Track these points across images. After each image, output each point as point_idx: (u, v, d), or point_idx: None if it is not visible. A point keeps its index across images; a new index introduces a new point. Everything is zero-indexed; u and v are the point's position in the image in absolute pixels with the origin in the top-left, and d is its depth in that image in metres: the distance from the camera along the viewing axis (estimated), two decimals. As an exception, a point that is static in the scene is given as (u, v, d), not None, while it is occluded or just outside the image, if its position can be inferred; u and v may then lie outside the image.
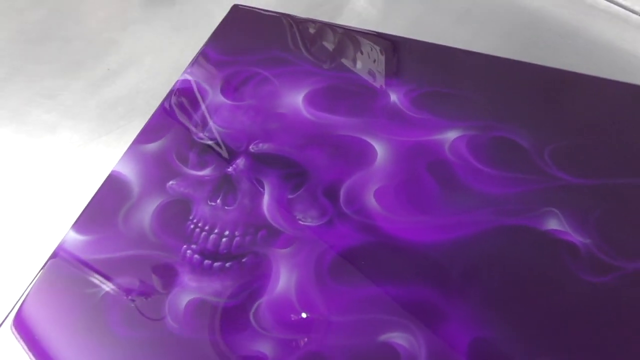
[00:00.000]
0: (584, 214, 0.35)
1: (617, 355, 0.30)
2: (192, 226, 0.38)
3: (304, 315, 0.33)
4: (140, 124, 0.42)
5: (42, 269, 0.37)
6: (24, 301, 0.36)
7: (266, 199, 0.38)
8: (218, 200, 0.39)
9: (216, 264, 0.36)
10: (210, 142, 0.42)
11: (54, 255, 0.37)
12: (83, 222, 0.39)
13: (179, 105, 0.45)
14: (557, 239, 0.34)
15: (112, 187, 0.40)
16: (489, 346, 0.31)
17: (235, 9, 0.52)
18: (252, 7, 0.51)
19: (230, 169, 0.40)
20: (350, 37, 0.46)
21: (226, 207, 0.38)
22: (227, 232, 0.37)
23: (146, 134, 0.43)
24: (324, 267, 0.35)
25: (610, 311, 0.32)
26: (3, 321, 0.35)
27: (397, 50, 0.45)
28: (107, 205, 0.40)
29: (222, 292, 0.35)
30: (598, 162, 0.37)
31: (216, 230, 0.37)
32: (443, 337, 0.32)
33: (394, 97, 0.43)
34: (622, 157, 0.37)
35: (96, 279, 0.36)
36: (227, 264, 0.36)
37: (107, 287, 0.36)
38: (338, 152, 0.40)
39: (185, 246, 0.37)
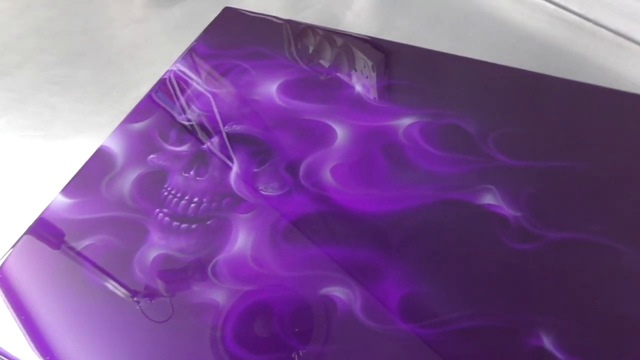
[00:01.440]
0: (517, 191, 0.38)
1: (537, 310, 0.34)
2: (165, 193, 0.42)
3: (255, 270, 0.37)
4: (131, 108, 0.47)
5: (30, 226, 0.41)
6: (8, 255, 0.40)
7: (234, 172, 0.42)
8: (191, 172, 0.43)
9: (183, 225, 0.40)
10: (189, 123, 0.46)
11: (42, 214, 0.42)
12: (70, 188, 0.43)
13: (165, 92, 0.49)
14: (490, 212, 0.38)
15: (99, 159, 0.45)
16: (418, 301, 0.35)
17: (227, 10, 0.57)
18: (242, 9, 0.56)
19: (205, 146, 0.44)
20: (327, 37, 0.51)
21: (198, 178, 0.42)
22: (196, 199, 0.41)
23: (134, 115, 0.48)
24: (279, 231, 0.39)
25: (532, 273, 0.35)
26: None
27: (366, 48, 0.49)
28: (93, 174, 0.44)
29: (186, 248, 0.39)
30: (532, 147, 0.41)
31: (187, 197, 0.41)
32: (377, 292, 0.35)
33: (358, 88, 0.47)
34: (552, 143, 0.41)
35: (76, 235, 0.40)
36: (193, 226, 0.40)
37: (86, 242, 0.40)
38: (302, 133, 0.44)
39: (157, 210, 0.41)
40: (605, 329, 0.33)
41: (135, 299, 0.37)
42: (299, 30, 0.52)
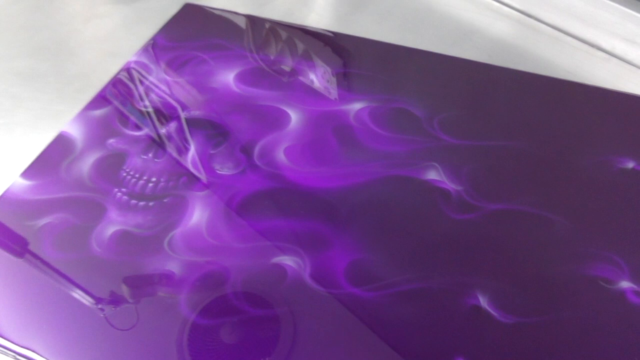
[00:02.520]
0: (458, 167, 0.41)
1: (474, 273, 0.36)
2: (124, 174, 0.43)
3: (210, 242, 0.38)
4: (92, 97, 0.48)
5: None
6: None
7: (191, 153, 0.44)
8: (150, 154, 0.44)
9: (141, 203, 0.41)
10: (148, 110, 0.48)
11: (1, 195, 0.43)
12: (30, 171, 0.44)
13: (126, 81, 0.51)
14: (434, 187, 0.40)
15: (59, 144, 0.46)
16: (364, 267, 0.37)
17: (187, 6, 0.59)
18: (202, 5, 0.58)
19: (163, 130, 0.46)
20: (284, 30, 0.53)
21: (156, 160, 0.44)
22: (154, 179, 0.43)
23: (94, 103, 0.49)
24: (233, 206, 0.40)
25: (471, 240, 0.38)
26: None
27: (319, 40, 0.52)
28: (53, 158, 0.45)
29: (143, 224, 0.40)
30: (474, 128, 0.44)
31: (145, 177, 0.43)
32: (326, 260, 0.37)
33: (312, 77, 0.49)
34: (491, 125, 0.44)
35: (35, 214, 0.41)
36: (150, 203, 0.41)
37: (45, 220, 0.41)
38: (258, 117, 0.46)
39: (116, 189, 0.42)
40: (535, 289, 0.35)
41: (92, 271, 0.38)
42: (257, 24, 0.55)
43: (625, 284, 0.35)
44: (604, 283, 0.35)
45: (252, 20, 0.55)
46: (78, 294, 0.37)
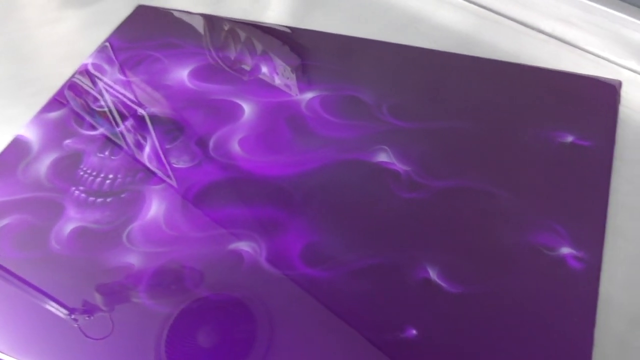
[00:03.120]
0: (407, 149, 0.42)
1: (424, 248, 0.37)
2: (81, 173, 0.44)
3: (168, 233, 0.39)
4: (47, 101, 0.49)
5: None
6: None
7: (147, 149, 0.45)
8: (106, 152, 0.45)
9: (99, 200, 0.42)
10: (103, 110, 0.48)
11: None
12: (-14, 175, 0.45)
13: (81, 82, 0.51)
14: (384, 168, 0.42)
15: (15, 148, 0.46)
16: (318, 248, 0.38)
17: (140, 8, 0.59)
18: (155, 6, 0.59)
19: (119, 129, 0.47)
20: (236, 27, 0.54)
21: (112, 157, 0.45)
22: (111, 176, 0.43)
23: (50, 106, 0.50)
24: (189, 197, 0.41)
25: (420, 217, 0.39)
26: None
27: (268, 35, 0.53)
28: (9, 161, 0.45)
29: (101, 220, 0.41)
30: (421, 112, 0.45)
31: (102, 175, 0.43)
32: (281, 243, 0.38)
33: (264, 70, 0.50)
34: (438, 108, 0.45)
35: (-7, 216, 0.41)
36: (108, 199, 0.42)
37: (3, 222, 0.41)
38: (212, 111, 0.47)
39: (74, 188, 0.43)
40: (482, 259, 0.37)
41: (53, 269, 0.38)
42: (210, 21, 0.56)
43: (565, 250, 0.37)
44: (546, 250, 0.37)
45: (208, 19, 0.56)
46: (41, 300, 0.37)
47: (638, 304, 0.35)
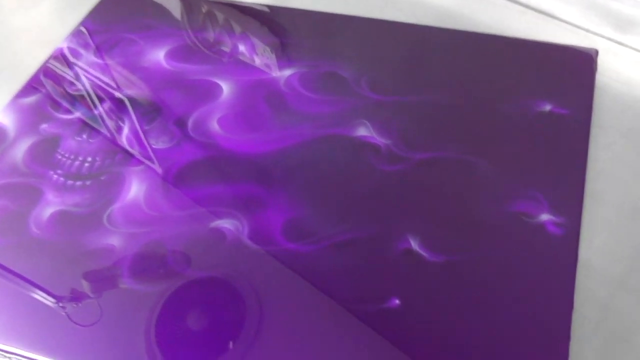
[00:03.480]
0: (387, 122, 0.42)
1: (405, 219, 0.38)
2: (59, 157, 0.43)
3: (149, 213, 0.39)
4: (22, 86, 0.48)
5: None
6: None
7: (125, 131, 0.44)
8: (84, 135, 0.44)
9: (78, 183, 0.41)
10: (80, 93, 0.48)
11: None
12: (-38, 163, 0.44)
13: (56, 67, 0.51)
14: (364, 142, 0.42)
15: (-9, 134, 0.46)
16: (300, 223, 0.38)
17: (114, -11, 0.58)
18: (130, -12, 0.58)
19: (96, 112, 0.46)
20: (213, 7, 0.54)
21: (90, 140, 0.44)
22: (89, 159, 0.43)
23: (25, 91, 0.49)
24: (169, 177, 0.41)
25: (401, 189, 0.39)
26: None
27: (246, 14, 0.52)
28: (-15, 148, 0.45)
29: (81, 202, 0.40)
30: (400, 85, 0.45)
31: (80, 158, 0.43)
32: (262, 219, 0.38)
33: (242, 49, 0.50)
34: (417, 81, 0.45)
35: (-30, 203, 0.41)
36: (87, 182, 0.41)
37: (-20, 208, 0.41)
38: (190, 91, 0.47)
39: (52, 172, 0.42)
40: (462, 228, 0.37)
41: (32, 254, 0.38)
42: (187, 3, 0.55)
43: (544, 217, 0.37)
44: (525, 217, 0.37)
45: (185, 0, 0.55)
46: (26, 288, 0.37)
47: (616, 267, 0.36)
